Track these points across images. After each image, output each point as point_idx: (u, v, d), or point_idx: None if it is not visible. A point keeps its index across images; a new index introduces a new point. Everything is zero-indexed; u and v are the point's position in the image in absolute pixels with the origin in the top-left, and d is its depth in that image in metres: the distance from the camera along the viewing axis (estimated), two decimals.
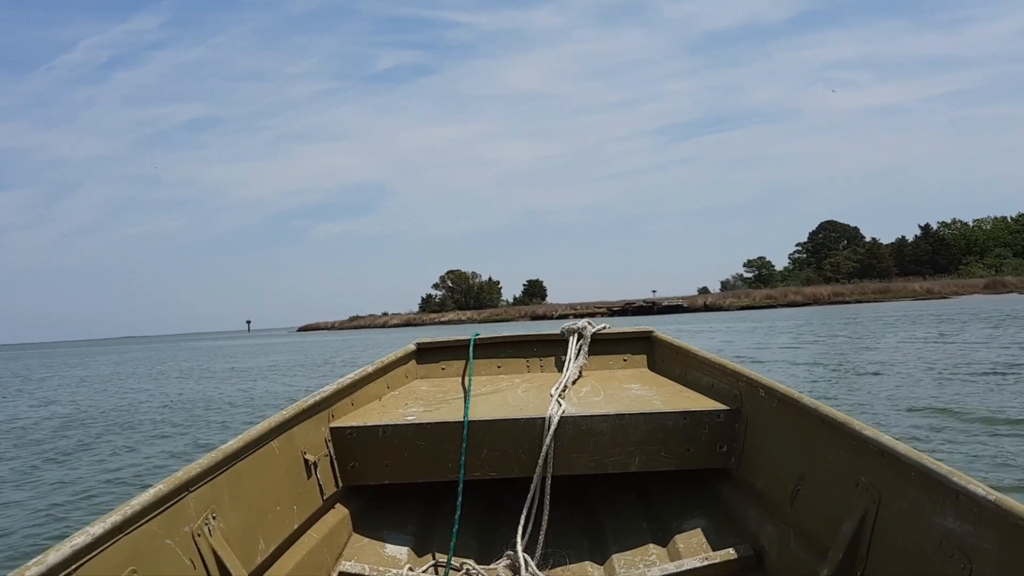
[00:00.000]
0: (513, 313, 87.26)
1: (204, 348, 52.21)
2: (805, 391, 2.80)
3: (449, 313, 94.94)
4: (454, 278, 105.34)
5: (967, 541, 1.47)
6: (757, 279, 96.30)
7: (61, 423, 11.85)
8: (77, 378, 24.87)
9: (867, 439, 1.84)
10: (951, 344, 16.27)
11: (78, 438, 9.95)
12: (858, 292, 67.27)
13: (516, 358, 3.34)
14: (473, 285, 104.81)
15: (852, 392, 9.67)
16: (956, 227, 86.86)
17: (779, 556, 2.21)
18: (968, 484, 1.49)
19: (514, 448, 2.53)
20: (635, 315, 68.79)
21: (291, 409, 2.32)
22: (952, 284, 65.46)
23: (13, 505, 6.21)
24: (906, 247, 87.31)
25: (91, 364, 35.91)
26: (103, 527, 1.45)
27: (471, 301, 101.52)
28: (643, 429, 2.53)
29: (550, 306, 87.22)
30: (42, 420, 12.52)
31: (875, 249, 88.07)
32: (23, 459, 8.58)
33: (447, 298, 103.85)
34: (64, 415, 13.08)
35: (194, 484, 1.77)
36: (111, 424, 11.21)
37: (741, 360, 12.32)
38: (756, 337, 23.54)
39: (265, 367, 23.72)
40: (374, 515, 2.63)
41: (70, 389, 19.95)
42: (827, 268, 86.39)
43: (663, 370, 3.21)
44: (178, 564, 1.65)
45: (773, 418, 2.36)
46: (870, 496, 1.80)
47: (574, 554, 2.51)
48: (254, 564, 1.94)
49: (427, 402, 2.85)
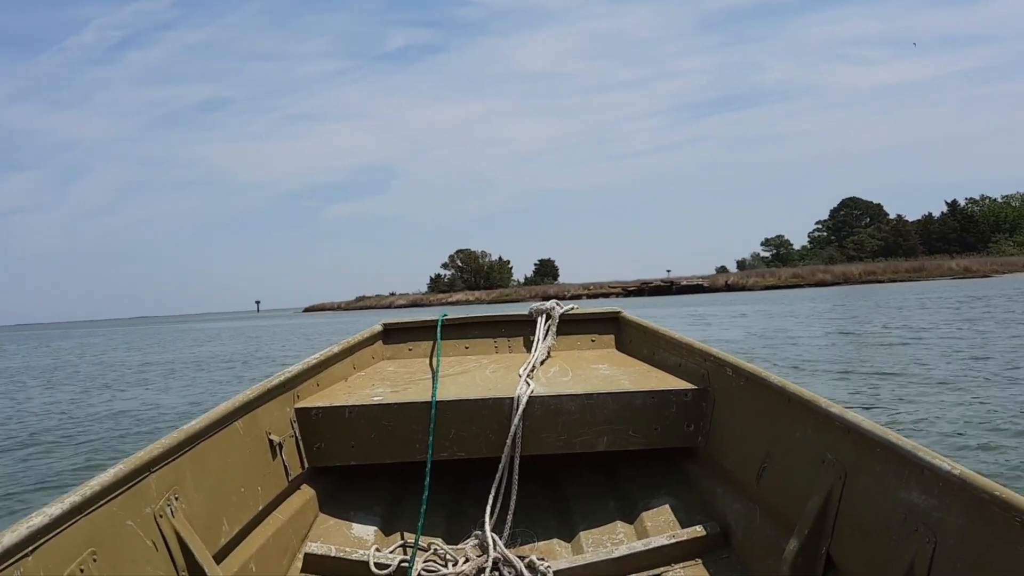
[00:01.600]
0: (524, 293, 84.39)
1: (164, 332, 49.39)
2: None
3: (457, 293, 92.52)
4: (463, 257, 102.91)
5: (932, 515, 1.47)
6: (775, 258, 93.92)
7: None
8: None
9: (833, 416, 1.84)
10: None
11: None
12: (891, 271, 63.76)
13: (484, 339, 3.33)
14: (483, 265, 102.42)
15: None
16: (985, 204, 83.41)
17: (746, 533, 2.22)
18: (933, 459, 1.50)
19: (482, 428, 2.52)
20: (652, 295, 66.18)
21: (255, 389, 2.29)
22: (990, 262, 62.05)
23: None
24: (933, 224, 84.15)
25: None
26: (61, 508, 1.43)
27: (481, 281, 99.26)
28: (611, 408, 2.53)
29: (562, 286, 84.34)
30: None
31: (901, 226, 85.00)
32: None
33: (456, 278, 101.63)
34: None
35: (156, 465, 1.75)
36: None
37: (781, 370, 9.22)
38: (784, 323, 20.14)
39: (177, 363, 19.02)
40: (341, 496, 2.61)
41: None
42: (850, 246, 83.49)
43: (631, 350, 3.22)
44: (139, 545, 1.63)
45: (740, 397, 2.35)
46: (836, 472, 1.80)
47: (542, 533, 2.51)
48: (218, 546, 1.92)
49: (394, 383, 2.82)
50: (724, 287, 66.18)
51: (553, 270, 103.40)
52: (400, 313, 6.58)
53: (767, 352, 12.48)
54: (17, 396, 13.29)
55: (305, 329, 36.90)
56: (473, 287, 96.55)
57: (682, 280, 71.13)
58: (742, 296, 49.88)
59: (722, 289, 65.52)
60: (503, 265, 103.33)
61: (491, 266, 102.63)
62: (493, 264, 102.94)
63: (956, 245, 75.38)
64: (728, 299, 45.43)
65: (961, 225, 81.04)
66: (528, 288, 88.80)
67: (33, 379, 17.05)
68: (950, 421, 6.12)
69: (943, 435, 5.71)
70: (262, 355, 19.76)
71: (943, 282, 52.06)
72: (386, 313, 14.39)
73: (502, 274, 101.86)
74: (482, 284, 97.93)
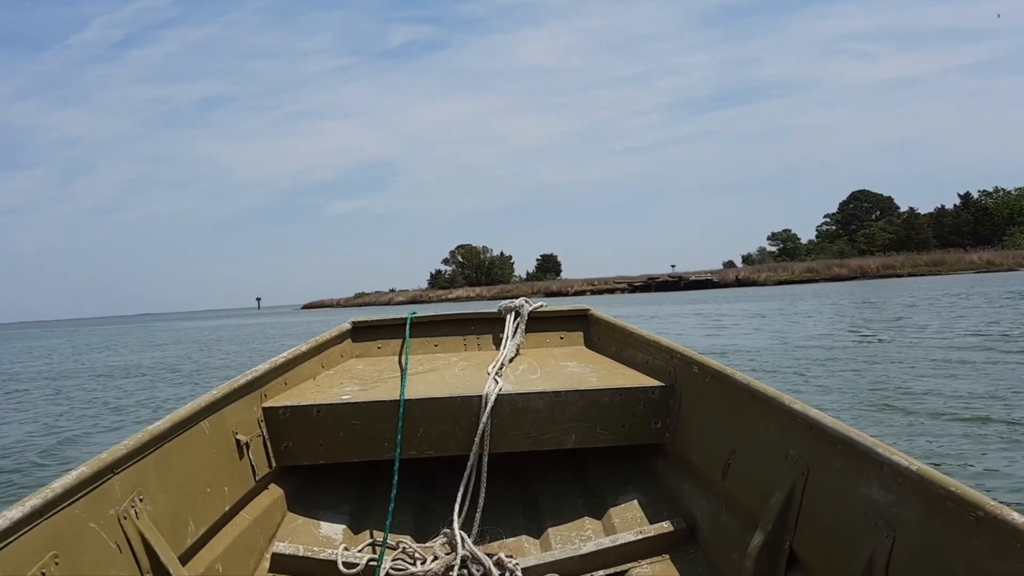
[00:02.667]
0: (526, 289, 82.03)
1: (156, 329, 47.28)
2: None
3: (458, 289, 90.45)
4: (464, 253, 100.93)
5: (891, 510, 1.49)
6: (782, 252, 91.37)
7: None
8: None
9: (795, 412, 1.86)
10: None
11: None
12: (910, 264, 60.70)
13: (453, 336, 3.30)
14: (484, 260, 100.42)
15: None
16: (998, 196, 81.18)
17: (711, 528, 2.23)
18: (892, 455, 1.52)
19: (451, 426, 2.52)
20: (659, 291, 63.79)
21: (221, 389, 2.27)
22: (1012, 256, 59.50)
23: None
24: (945, 217, 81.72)
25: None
26: (22, 511, 1.41)
27: (482, 277, 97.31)
28: (579, 406, 2.53)
29: (565, 282, 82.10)
30: None
31: (913, 219, 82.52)
32: None
33: (457, 274, 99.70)
34: None
35: (119, 466, 1.73)
36: None
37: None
38: (814, 326, 16.07)
39: (96, 372, 15.97)
40: (309, 495, 2.60)
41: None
42: (861, 240, 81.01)
43: (599, 347, 3.20)
44: (103, 548, 1.61)
45: (706, 394, 2.36)
46: (799, 468, 1.82)
47: (511, 530, 2.51)
48: (184, 547, 1.91)
49: (362, 381, 2.81)
50: (734, 282, 62.92)
51: (555, 266, 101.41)
52: (399, 310, 5.71)
53: (822, 376, 8.35)
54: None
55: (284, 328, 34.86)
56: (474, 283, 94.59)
57: (690, 275, 67.60)
58: (754, 292, 46.65)
59: (732, 284, 62.48)
60: (505, 260, 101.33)
61: (492, 262, 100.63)
62: (494, 260, 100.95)
63: (970, 238, 73.25)
64: (739, 295, 42.44)
65: (975, 218, 79.01)
66: (530, 284, 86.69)
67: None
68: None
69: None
70: (189, 368, 15.60)
71: (966, 276, 48.97)
72: (384, 310, 12.68)
73: (504, 270, 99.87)
74: (483, 280, 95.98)
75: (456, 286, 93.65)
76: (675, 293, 56.31)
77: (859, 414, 6.16)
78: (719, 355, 9.34)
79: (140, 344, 28.48)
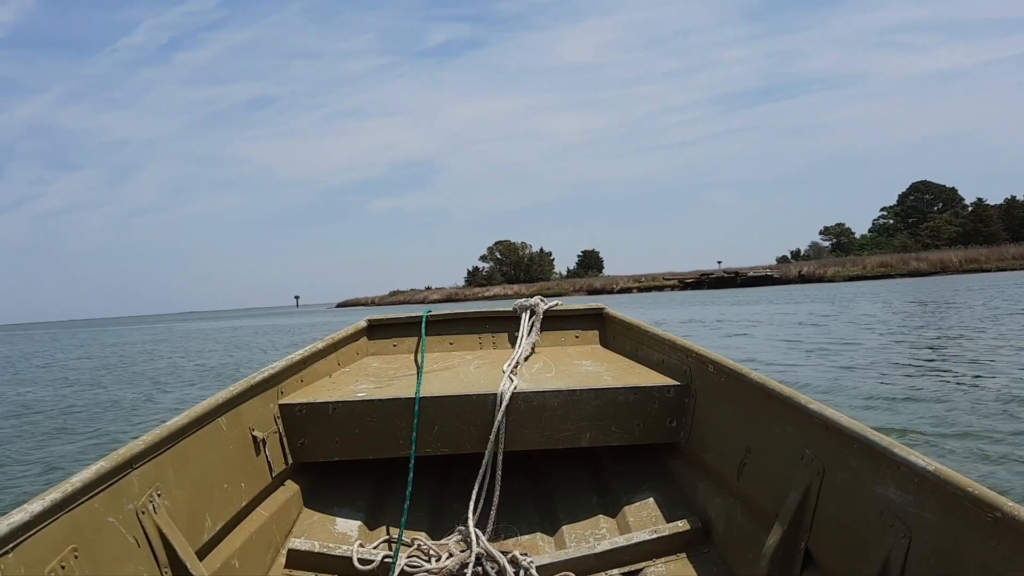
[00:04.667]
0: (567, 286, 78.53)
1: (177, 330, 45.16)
2: None
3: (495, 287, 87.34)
4: (502, 249, 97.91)
5: (907, 511, 1.48)
6: (836, 247, 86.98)
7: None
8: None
9: (812, 412, 1.84)
10: None
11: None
12: (995, 258, 54.71)
13: (468, 335, 3.30)
14: (523, 256, 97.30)
15: None
16: None
17: (726, 528, 2.22)
18: (909, 455, 1.51)
19: (466, 424, 2.51)
20: (713, 288, 59.46)
21: (239, 385, 2.27)
22: None
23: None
24: (1016, 208, 76.43)
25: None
26: (42, 504, 1.42)
27: (520, 274, 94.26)
28: (594, 404, 2.52)
29: (609, 279, 78.28)
30: None
31: (981, 211, 77.28)
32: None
33: (495, 271, 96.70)
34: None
35: (138, 461, 1.74)
36: None
37: None
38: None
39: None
40: (324, 492, 2.60)
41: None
42: (924, 233, 76.09)
43: (614, 346, 3.20)
44: (121, 542, 1.62)
45: (721, 393, 2.35)
46: (814, 468, 1.81)
47: (525, 528, 2.51)
48: (201, 542, 1.91)
49: (378, 379, 2.81)
50: (797, 278, 58.15)
51: (597, 262, 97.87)
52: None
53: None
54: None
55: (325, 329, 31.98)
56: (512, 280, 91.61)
57: (747, 271, 62.17)
58: (825, 289, 41.28)
59: (795, 281, 57.85)
60: (544, 257, 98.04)
61: (531, 258, 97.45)
62: (534, 256, 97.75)
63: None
64: (807, 293, 36.89)
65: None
66: (571, 281, 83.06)
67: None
68: None
69: None
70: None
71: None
72: (419, 308, 9.78)
73: (543, 266, 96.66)
74: (522, 277, 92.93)
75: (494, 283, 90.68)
76: (732, 291, 52.00)
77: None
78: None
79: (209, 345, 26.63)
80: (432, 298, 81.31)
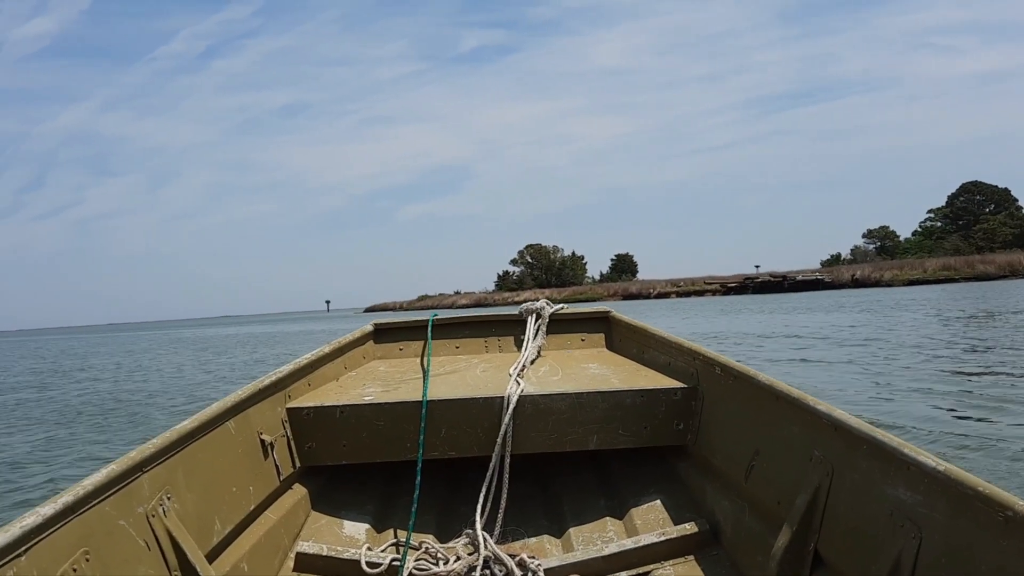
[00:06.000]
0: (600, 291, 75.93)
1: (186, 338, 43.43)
2: None
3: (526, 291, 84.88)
4: (533, 253, 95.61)
5: (917, 511, 1.48)
6: (881, 251, 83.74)
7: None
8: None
9: (820, 414, 1.83)
10: None
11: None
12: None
13: (474, 338, 3.30)
14: (555, 260, 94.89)
15: None
16: None
17: (735, 530, 2.21)
18: (918, 455, 1.50)
19: (473, 427, 2.50)
20: (758, 292, 56.41)
21: (247, 389, 2.28)
22: None
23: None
24: None
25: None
26: (54, 508, 1.42)
27: (552, 278, 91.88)
28: (601, 407, 2.51)
29: (646, 283, 75.44)
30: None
31: None
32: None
33: (525, 275, 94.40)
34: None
35: (148, 465, 1.75)
36: None
37: None
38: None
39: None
40: (332, 495, 2.60)
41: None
42: (978, 236, 72.43)
43: (621, 349, 3.19)
44: (132, 545, 1.63)
45: (729, 395, 2.34)
46: (823, 469, 1.80)
47: (533, 531, 2.50)
48: (210, 545, 1.92)
49: (385, 382, 2.81)
50: (850, 283, 54.79)
51: (631, 266, 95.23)
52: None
53: None
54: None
55: None
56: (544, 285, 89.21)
57: (796, 274, 58.51)
58: (888, 295, 36.36)
59: (848, 285, 54.67)
60: (576, 261, 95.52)
61: (563, 262, 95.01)
62: (565, 260, 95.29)
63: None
64: (870, 298, 32.72)
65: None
66: (605, 285, 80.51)
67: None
68: None
69: None
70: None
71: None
72: (447, 313, 7.60)
73: (575, 270, 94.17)
74: (553, 281, 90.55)
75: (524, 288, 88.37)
76: (780, 296, 49.04)
77: None
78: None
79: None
80: (461, 303, 79.20)
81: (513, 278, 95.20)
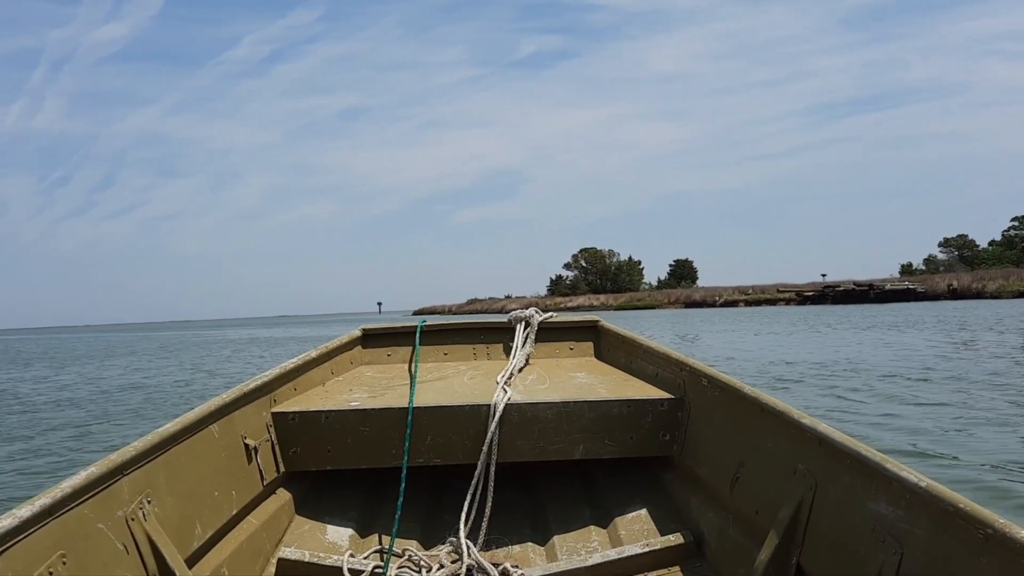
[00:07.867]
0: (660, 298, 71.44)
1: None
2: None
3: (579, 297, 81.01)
4: (588, 257, 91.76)
5: (899, 526, 1.49)
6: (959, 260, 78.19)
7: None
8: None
9: (805, 427, 1.84)
10: None
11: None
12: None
13: (463, 345, 3.29)
14: (610, 265, 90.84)
15: None
16: None
17: (719, 542, 2.22)
18: (901, 471, 1.51)
19: (459, 435, 2.51)
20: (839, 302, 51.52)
21: (231, 393, 2.27)
22: None
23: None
24: None
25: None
26: (31, 510, 1.41)
27: (607, 283, 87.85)
28: (587, 417, 2.52)
29: (710, 290, 70.54)
30: None
31: None
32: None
33: (579, 280, 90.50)
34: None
35: (128, 467, 1.73)
36: None
37: None
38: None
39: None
40: (316, 501, 2.60)
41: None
42: None
43: (609, 359, 3.19)
44: (110, 549, 1.62)
45: (715, 407, 2.35)
46: (807, 483, 1.81)
47: (517, 539, 2.50)
48: (190, 550, 1.91)
49: (372, 388, 2.81)
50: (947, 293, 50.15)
51: (691, 272, 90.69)
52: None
53: None
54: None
55: None
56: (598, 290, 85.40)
57: (883, 283, 53.53)
58: (1007, 308, 31.92)
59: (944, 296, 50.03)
60: (633, 266, 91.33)
61: (619, 267, 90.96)
62: (621, 264, 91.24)
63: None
64: (986, 313, 28.31)
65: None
66: (665, 292, 75.99)
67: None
68: None
69: None
70: None
71: None
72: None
73: (632, 275, 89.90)
74: (608, 287, 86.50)
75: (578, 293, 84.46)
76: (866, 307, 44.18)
77: None
78: None
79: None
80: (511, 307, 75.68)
81: (566, 282, 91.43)
